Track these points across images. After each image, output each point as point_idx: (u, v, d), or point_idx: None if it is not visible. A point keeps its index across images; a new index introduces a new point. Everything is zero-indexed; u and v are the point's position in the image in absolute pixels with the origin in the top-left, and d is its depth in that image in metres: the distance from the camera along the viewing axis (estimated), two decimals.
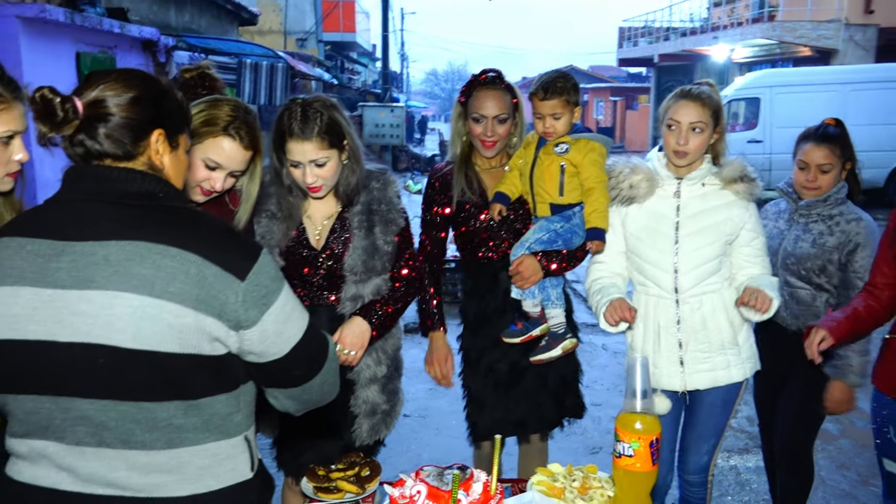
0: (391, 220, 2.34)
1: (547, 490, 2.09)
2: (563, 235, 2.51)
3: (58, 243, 1.30)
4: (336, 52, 27.23)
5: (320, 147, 2.15)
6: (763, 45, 19.35)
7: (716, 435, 2.56)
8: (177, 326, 1.27)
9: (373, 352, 2.35)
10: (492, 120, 2.53)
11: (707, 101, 2.38)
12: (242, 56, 9.91)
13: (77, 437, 1.31)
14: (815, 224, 2.70)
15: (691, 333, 2.46)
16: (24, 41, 6.18)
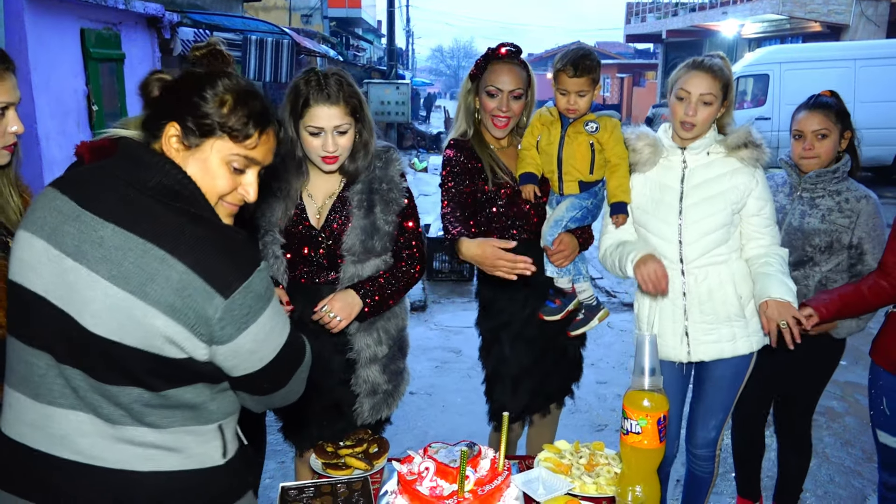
0: (392, 200, 2.30)
1: (554, 467, 2.11)
2: (592, 211, 2.58)
3: (77, 207, 1.32)
4: (341, 28, 27.02)
5: (344, 113, 2.14)
6: (773, 21, 19.13)
7: (724, 410, 2.56)
8: (144, 325, 1.28)
9: (374, 331, 2.35)
10: (507, 94, 2.50)
11: (718, 74, 2.36)
12: (248, 32, 9.84)
13: (52, 396, 1.34)
14: (822, 199, 2.65)
15: (697, 304, 2.46)
16: (29, 18, 6.14)
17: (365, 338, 2.34)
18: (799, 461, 2.92)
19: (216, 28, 9.65)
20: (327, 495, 1.95)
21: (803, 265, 2.68)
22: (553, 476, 2.05)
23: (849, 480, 3.53)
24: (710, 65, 2.38)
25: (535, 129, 2.58)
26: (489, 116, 2.55)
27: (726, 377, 2.52)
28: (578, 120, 2.51)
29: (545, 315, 2.59)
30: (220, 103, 1.39)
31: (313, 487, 2.00)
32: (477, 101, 2.59)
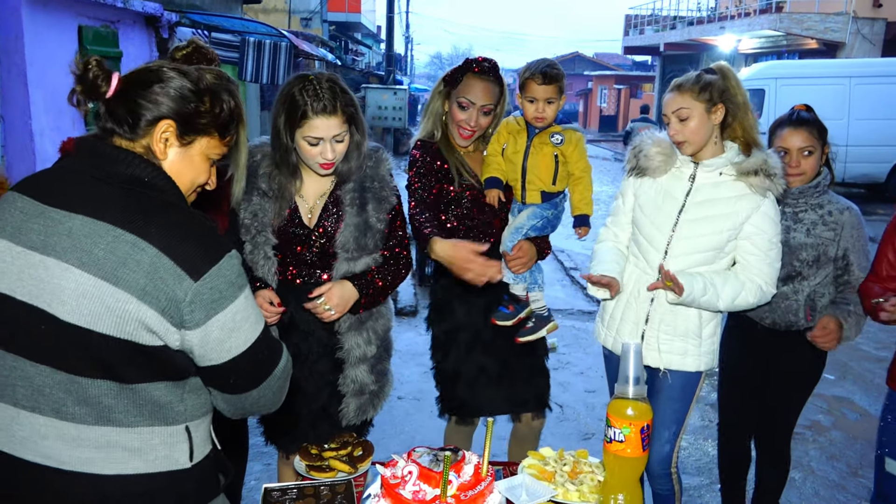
0: (384, 198, 2.32)
1: (538, 473, 2.11)
2: (552, 222, 2.63)
3: (39, 205, 1.33)
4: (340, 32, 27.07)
5: (342, 122, 2.16)
6: (770, 37, 19.24)
7: (676, 422, 2.53)
8: (116, 311, 1.28)
9: (364, 331, 2.36)
10: (478, 109, 2.55)
11: (684, 87, 2.36)
12: (246, 34, 9.84)
13: (15, 397, 1.33)
14: (805, 214, 2.66)
15: (660, 314, 2.47)
16: (26, 14, 6.13)
17: (355, 337, 2.34)
18: (778, 475, 2.91)
19: (214, 29, 9.65)
20: (310, 497, 1.94)
21: (792, 280, 2.67)
22: (536, 483, 2.05)
23: (833, 494, 3.54)
24: (681, 82, 2.38)
25: (502, 136, 2.62)
26: (456, 126, 2.59)
27: (676, 387, 2.50)
28: (544, 131, 2.55)
29: (498, 320, 2.61)
30: (214, 104, 1.43)
31: (296, 489, 1.99)
32: (446, 104, 2.63)
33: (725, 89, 2.37)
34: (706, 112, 2.36)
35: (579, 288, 7.45)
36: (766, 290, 2.42)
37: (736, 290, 2.38)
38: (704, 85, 2.35)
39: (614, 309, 2.60)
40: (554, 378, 4.89)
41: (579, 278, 7.77)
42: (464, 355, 2.71)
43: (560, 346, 5.60)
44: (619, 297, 2.57)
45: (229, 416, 1.56)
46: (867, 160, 13.03)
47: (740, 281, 2.40)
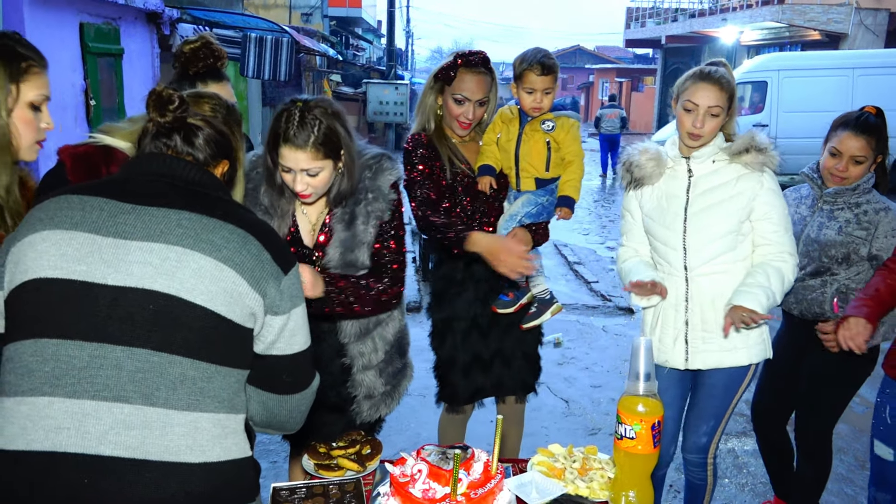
0: (375, 210, 2.25)
1: (547, 471, 2.10)
2: (547, 208, 2.65)
3: (125, 205, 1.38)
4: (341, 27, 27.00)
5: (314, 157, 2.06)
6: (772, 29, 19.16)
7: (715, 417, 2.56)
8: (231, 292, 1.37)
9: (369, 340, 2.36)
10: (474, 103, 2.59)
11: (725, 85, 2.38)
12: (247, 30, 9.82)
13: (94, 388, 1.29)
14: (841, 212, 2.67)
15: (698, 312, 2.47)
16: (28, 12, 6.12)
17: (359, 346, 2.34)
18: (816, 472, 2.90)
19: (216, 25, 9.64)
20: (319, 496, 1.94)
21: (820, 275, 2.69)
22: (546, 480, 2.04)
23: (841, 488, 3.54)
24: (718, 77, 2.38)
25: (497, 126, 2.65)
26: (454, 120, 2.62)
27: (719, 385, 2.52)
28: (536, 119, 2.59)
29: (498, 308, 2.63)
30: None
31: (305, 488, 1.98)
32: (440, 99, 2.65)
33: (735, 88, 2.42)
34: (727, 112, 2.40)
35: (583, 282, 7.44)
36: (793, 262, 2.43)
37: (780, 276, 2.40)
38: (729, 85, 2.38)
39: (653, 320, 2.58)
40: (559, 373, 4.94)
41: (583, 272, 7.76)
42: (459, 343, 2.74)
43: (565, 341, 5.60)
44: (654, 308, 2.58)
45: (257, 423, 1.59)
46: None
47: (775, 266, 2.40)
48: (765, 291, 2.35)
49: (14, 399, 1.32)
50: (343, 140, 2.12)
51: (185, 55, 2.48)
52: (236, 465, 1.40)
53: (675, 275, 2.49)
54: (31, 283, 1.33)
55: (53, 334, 1.31)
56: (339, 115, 2.13)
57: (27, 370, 1.31)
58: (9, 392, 1.32)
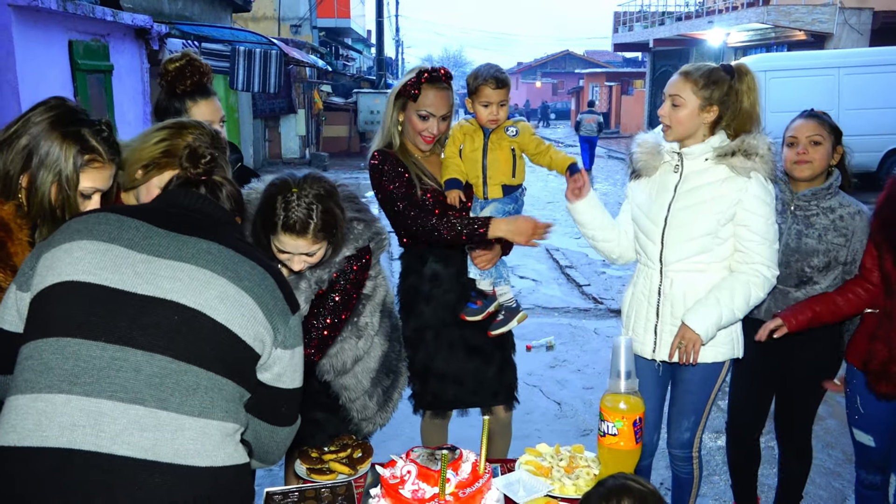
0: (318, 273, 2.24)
1: (535, 469, 2.15)
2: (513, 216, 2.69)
3: (159, 229, 1.50)
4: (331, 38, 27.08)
5: (314, 242, 2.09)
6: (758, 30, 19.30)
7: (695, 412, 2.61)
8: (248, 318, 1.48)
9: (351, 376, 2.43)
10: (438, 118, 2.65)
11: (690, 77, 2.41)
12: (236, 43, 9.88)
13: (112, 388, 1.34)
14: (817, 218, 2.66)
15: (669, 307, 2.52)
16: (17, 30, 6.16)
17: (342, 380, 2.42)
18: (801, 467, 2.94)
19: (204, 39, 9.69)
20: (311, 500, 1.98)
21: (804, 285, 2.69)
22: (533, 478, 2.09)
23: (829, 481, 3.59)
24: (686, 69, 2.45)
25: (457, 139, 2.71)
26: (417, 135, 2.67)
27: (694, 381, 2.57)
28: (500, 127, 2.67)
29: (467, 315, 2.71)
30: None
31: (297, 492, 2.02)
32: (402, 115, 2.69)
33: (729, 94, 2.40)
34: (699, 108, 2.41)
35: (575, 285, 7.49)
36: (768, 275, 2.44)
37: (745, 293, 2.42)
38: (709, 83, 2.39)
39: (628, 309, 2.68)
40: (551, 375, 4.99)
41: (575, 276, 7.82)
42: (433, 352, 2.79)
43: (557, 343, 5.64)
44: (631, 296, 2.66)
45: (252, 451, 1.67)
46: (859, 150, 12.81)
47: (743, 281, 2.42)
48: (719, 313, 2.39)
49: (30, 396, 1.35)
50: (339, 220, 2.13)
51: (171, 74, 2.53)
52: (237, 471, 1.46)
53: (650, 266, 2.56)
54: (61, 285, 1.42)
55: (77, 334, 1.38)
56: (333, 194, 2.12)
57: (46, 367, 1.36)
58: (25, 389, 1.36)
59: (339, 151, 21.03)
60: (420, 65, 2.73)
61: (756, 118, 2.44)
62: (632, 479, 1.54)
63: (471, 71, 2.72)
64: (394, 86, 2.75)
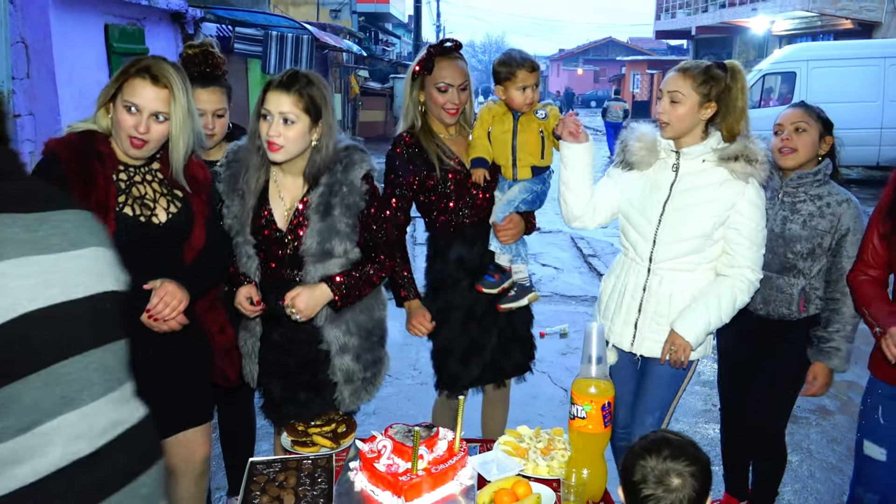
0: (352, 204, 2.37)
1: (512, 450, 2.21)
2: (541, 196, 2.79)
3: (33, 215, 1.32)
4: (370, 23, 27.19)
5: (294, 104, 2.24)
6: (803, 18, 18.84)
7: (661, 408, 2.59)
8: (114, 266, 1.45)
9: (342, 323, 2.45)
10: (456, 88, 2.70)
11: (689, 73, 2.40)
12: (269, 28, 10.02)
13: (93, 392, 1.35)
14: (804, 204, 2.66)
15: (653, 303, 2.51)
16: (54, 14, 6.34)
17: (333, 330, 2.44)
18: (773, 468, 2.92)
19: (239, 23, 9.85)
20: (292, 470, 2.07)
21: (787, 272, 2.69)
22: (508, 458, 2.15)
23: (829, 476, 3.57)
24: (684, 66, 2.45)
25: (486, 121, 2.74)
26: (440, 109, 2.72)
27: (664, 375, 2.55)
28: (530, 110, 2.71)
29: (483, 287, 2.77)
30: None
31: (280, 462, 2.12)
32: (422, 95, 2.76)
33: (726, 91, 2.40)
34: (698, 104, 2.40)
35: (596, 275, 7.49)
36: (752, 279, 2.45)
37: (731, 298, 2.43)
38: (707, 79, 2.39)
39: (608, 300, 2.67)
40: (561, 363, 5.02)
41: (597, 265, 7.81)
42: (455, 332, 2.84)
43: (571, 331, 5.67)
44: (612, 288, 2.67)
45: None
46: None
47: (729, 286, 2.43)
48: (707, 319, 2.40)
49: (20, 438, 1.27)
50: (327, 103, 2.30)
51: (182, 58, 2.65)
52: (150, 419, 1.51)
53: (638, 262, 2.55)
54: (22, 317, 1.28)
55: (53, 360, 1.30)
56: (326, 87, 2.32)
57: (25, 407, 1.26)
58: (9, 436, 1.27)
59: (374, 136, 21.16)
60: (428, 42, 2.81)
61: (747, 118, 2.45)
62: (670, 432, 1.59)
63: (498, 59, 2.76)
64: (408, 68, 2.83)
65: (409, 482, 1.91)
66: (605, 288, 2.72)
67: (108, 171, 2.07)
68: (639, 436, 2.61)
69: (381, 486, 1.96)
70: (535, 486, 2.00)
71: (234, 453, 3.01)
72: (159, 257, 2.15)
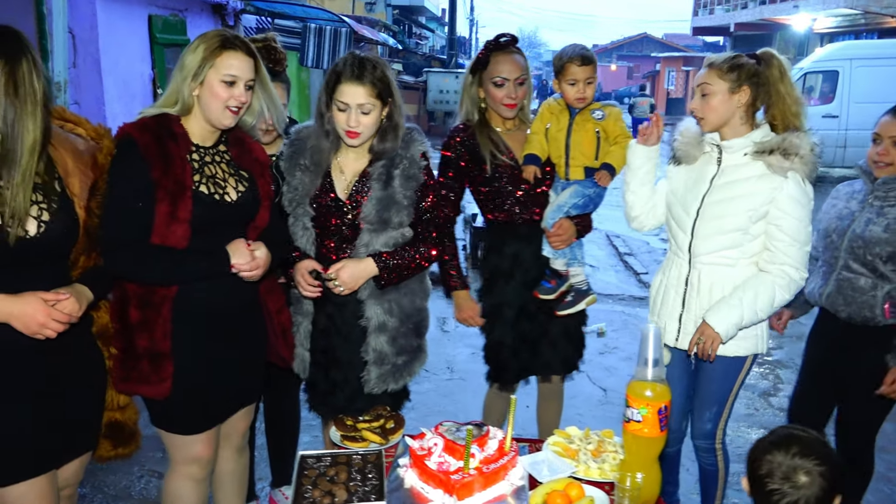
0: (411, 176, 2.44)
1: (562, 451, 2.19)
2: (594, 200, 2.75)
3: None
4: (404, 16, 27.23)
5: (370, 94, 2.31)
6: (847, 15, 18.41)
7: (717, 403, 2.58)
8: None
9: (385, 302, 2.47)
10: (513, 82, 2.68)
11: (715, 64, 2.39)
12: (308, 20, 10.07)
13: None
14: (892, 208, 2.58)
15: (695, 297, 2.51)
16: (100, 4, 6.44)
17: (375, 306, 2.47)
18: (855, 479, 2.83)
19: (278, 16, 9.91)
20: (342, 465, 2.07)
21: (870, 275, 2.60)
22: (559, 459, 2.13)
23: (878, 486, 3.49)
24: (711, 59, 2.44)
25: (545, 117, 2.73)
26: (498, 104, 2.71)
27: (717, 371, 2.54)
28: (586, 108, 2.68)
29: (540, 294, 2.76)
30: None
31: (330, 457, 2.12)
32: (481, 91, 2.75)
33: (757, 74, 2.38)
34: (729, 92, 2.38)
35: (632, 273, 7.42)
36: (795, 276, 2.41)
37: (769, 294, 2.40)
38: (733, 66, 2.38)
39: (657, 295, 2.68)
40: (600, 362, 4.98)
41: (633, 264, 7.73)
42: (508, 327, 2.85)
43: (609, 331, 5.62)
44: (659, 283, 2.68)
45: None
46: None
47: (769, 282, 2.40)
48: (741, 313, 2.37)
49: None
50: (393, 86, 2.38)
51: None
52: None
53: (680, 256, 2.56)
54: None
55: None
56: (388, 67, 2.41)
57: None
58: None
59: None
60: None
61: (798, 109, 2.40)
62: (798, 428, 1.58)
63: (556, 53, 2.75)
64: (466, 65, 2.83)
65: (461, 481, 1.89)
66: (654, 284, 2.72)
67: (182, 152, 2.10)
68: (698, 430, 2.62)
69: (432, 483, 1.95)
70: (587, 488, 1.97)
71: (278, 444, 3.03)
72: (229, 236, 2.17)
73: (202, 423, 2.25)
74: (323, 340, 2.52)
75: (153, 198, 2.02)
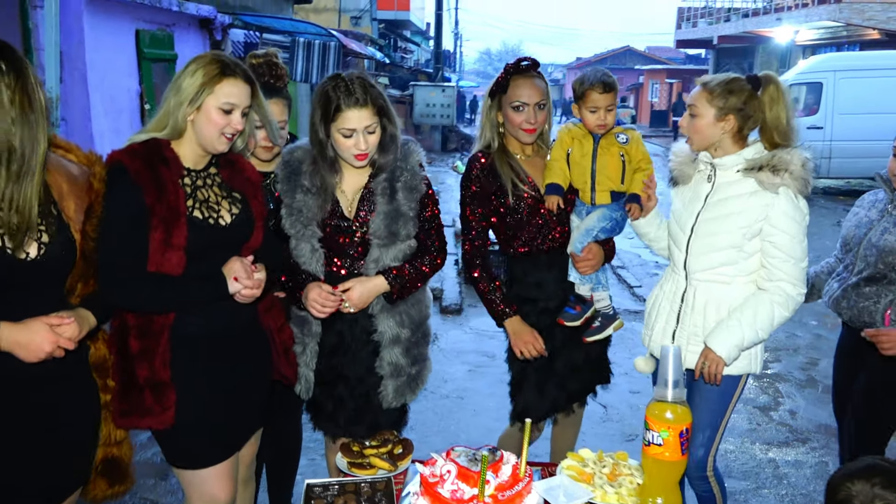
0: (413, 187, 2.44)
1: (577, 475, 2.12)
2: (620, 223, 2.70)
3: None
4: (389, 30, 27.26)
5: (373, 113, 2.31)
6: (829, 28, 18.64)
7: (710, 426, 2.51)
8: None
9: (396, 314, 2.45)
10: (533, 107, 2.60)
11: (707, 86, 2.42)
12: (296, 34, 10.02)
13: None
14: None
15: (690, 314, 2.49)
16: (87, 19, 6.36)
17: (387, 319, 2.44)
18: None
19: (266, 30, 9.85)
20: (350, 493, 1.99)
21: (877, 282, 2.59)
22: (574, 484, 2.06)
23: None
24: (705, 80, 2.46)
25: (565, 142, 2.66)
26: (517, 129, 2.63)
27: (713, 391, 2.48)
28: (610, 132, 2.64)
29: (565, 321, 2.67)
30: None
31: (337, 485, 2.04)
32: (500, 115, 2.67)
33: (747, 104, 2.38)
34: (715, 118, 2.41)
35: (626, 287, 7.38)
36: (792, 293, 2.40)
37: (768, 313, 2.38)
38: (724, 92, 2.39)
39: (651, 308, 2.68)
40: None
41: (626, 277, 7.70)
42: (534, 361, 2.72)
43: None
44: (655, 297, 2.67)
45: None
46: None
47: (766, 301, 2.39)
48: (741, 335, 2.36)
49: None
50: (386, 100, 2.39)
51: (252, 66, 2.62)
52: None
53: (676, 272, 2.57)
54: None
55: None
56: (377, 83, 2.41)
57: None
58: None
59: None
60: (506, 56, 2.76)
61: (786, 130, 2.40)
62: (883, 459, 1.56)
63: (577, 77, 2.70)
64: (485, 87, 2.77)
65: None
66: (650, 298, 2.72)
67: (174, 176, 2.04)
68: (690, 456, 2.54)
69: None
70: None
71: (278, 469, 2.94)
72: (224, 260, 2.11)
73: (215, 454, 2.16)
74: (331, 358, 2.47)
75: (147, 225, 1.96)
